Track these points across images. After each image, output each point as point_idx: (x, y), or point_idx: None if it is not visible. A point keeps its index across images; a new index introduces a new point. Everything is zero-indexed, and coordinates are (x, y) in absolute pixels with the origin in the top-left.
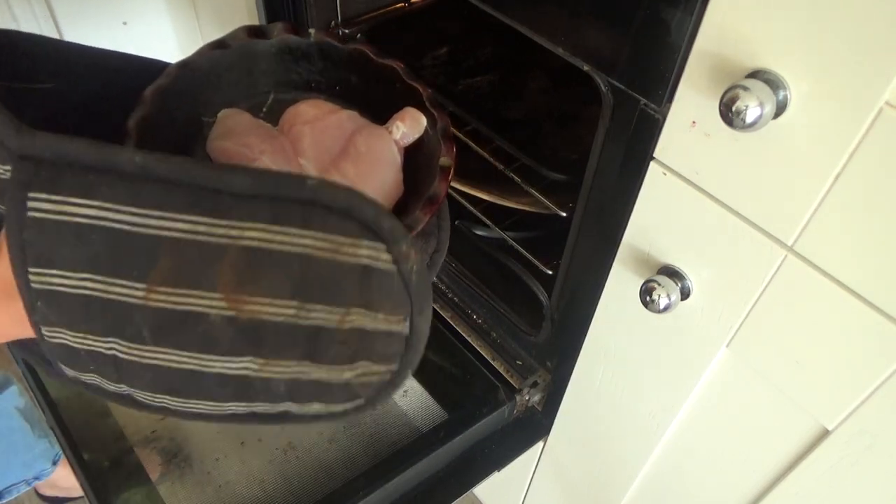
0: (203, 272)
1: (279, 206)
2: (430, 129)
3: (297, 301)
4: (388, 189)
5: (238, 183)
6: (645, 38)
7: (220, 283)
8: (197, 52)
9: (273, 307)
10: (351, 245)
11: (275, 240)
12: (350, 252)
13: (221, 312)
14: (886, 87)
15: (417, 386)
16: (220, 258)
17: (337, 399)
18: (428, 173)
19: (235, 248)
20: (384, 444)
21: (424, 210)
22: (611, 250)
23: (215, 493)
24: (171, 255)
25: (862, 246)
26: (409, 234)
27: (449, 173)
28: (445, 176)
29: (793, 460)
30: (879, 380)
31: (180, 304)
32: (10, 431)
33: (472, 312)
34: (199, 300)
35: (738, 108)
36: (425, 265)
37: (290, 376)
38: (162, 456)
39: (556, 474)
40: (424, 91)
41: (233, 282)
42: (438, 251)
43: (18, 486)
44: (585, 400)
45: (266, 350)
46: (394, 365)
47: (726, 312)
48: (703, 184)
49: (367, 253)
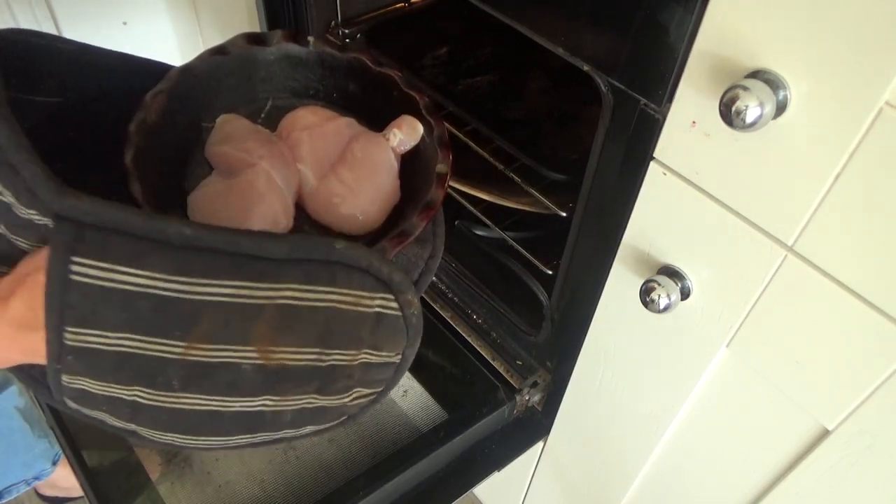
0: (242, 329)
1: (310, 267)
2: (426, 137)
3: (320, 348)
4: (384, 195)
5: (277, 249)
6: (645, 39)
7: (254, 338)
8: (197, 58)
9: (298, 355)
10: (369, 298)
11: (307, 297)
12: (367, 304)
13: (252, 362)
14: (886, 87)
15: (417, 386)
16: (259, 316)
17: (328, 420)
18: (425, 180)
19: (272, 306)
20: (384, 444)
21: (421, 216)
22: (611, 250)
23: (215, 493)
24: (214, 317)
25: (862, 246)
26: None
27: (445, 180)
28: (442, 183)
29: (793, 460)
30: (879, 380)
31: (216, 357)
32: (10, 431)
33: (472, 312)
34: (234, 353)
35: (738, 108)
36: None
37: (298, 407)
38: (162, 456)
39: (556, 474)
40: (422, 99)
41: (267, 336)
42: (433, 257)
43: (18, 486)
44: (585, 400)
45: (285, 389)
46: (380, 387)
47: (726, 312)
48: (703, 184)
49: (380, 303)
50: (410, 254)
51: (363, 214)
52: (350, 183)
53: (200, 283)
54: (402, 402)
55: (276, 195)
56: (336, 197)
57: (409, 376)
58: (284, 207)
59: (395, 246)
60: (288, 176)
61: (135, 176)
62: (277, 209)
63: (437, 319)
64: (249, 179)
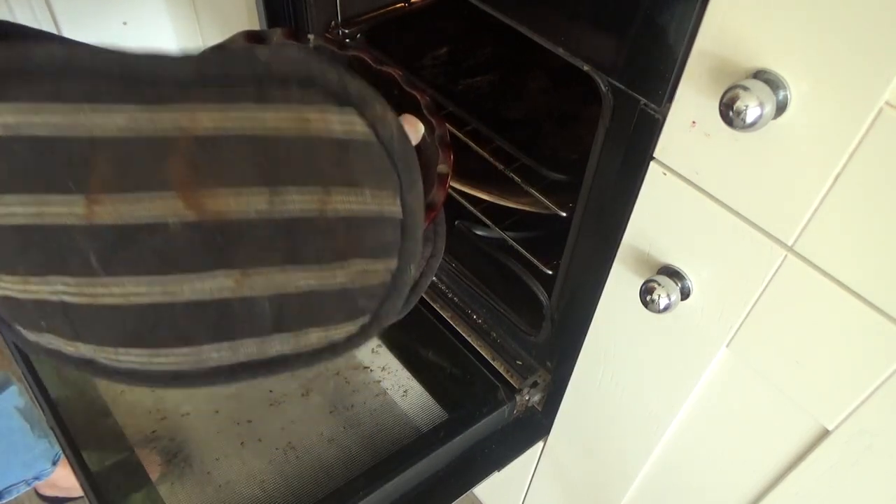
0: (152, 171)
1: (230, 87)
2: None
3: (268, 188)
4: None
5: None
6: (645, 39)
7: (173, 182)
8: None
9: (241, 199)
10: (318, 113)
11: (230, 120)
12: (319, 123)
13: (181, 217)
14: (886, 87)
15: (417, 386)
16: (171, 152)
17: (335, 318)
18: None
19: (186, 138)
20: (384, 444)
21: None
22: (611, 250)
23: (215, 493)
24: (113, 156)
25: (862, 246)
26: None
27: (447, 180)
28: (443, 183)
29: (793, 460)
30: (879, 380)
31: (130, 215)
32: (10, 431)
33: (472, 312)
34: (152, 205)
35: (739, 108)
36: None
37: (273, 290)
38: (162, 456)
39: (556, 474)
40: (422, 98)
41: (189, 177)
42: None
43: (18, 486)
44: (585, 400)
45: (240, 258)
46: (392, 260)
47: (726, 312)
48: (703, 184)
49: (339, 120)
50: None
51: None
52: None
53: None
54: (402, 402)
55: None
56: None
57: (409, 376)
58: None
59: None
60: None
61: None
62: None
63: (437, 319)
64: None
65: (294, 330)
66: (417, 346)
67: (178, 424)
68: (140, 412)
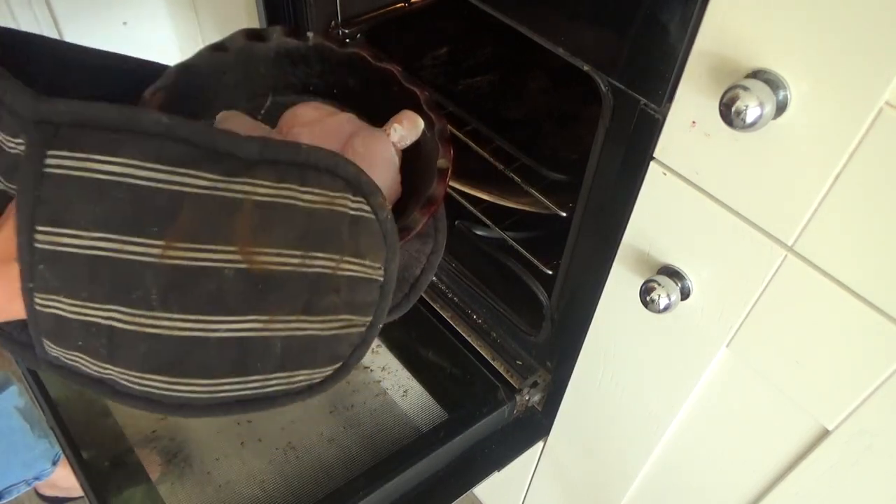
0: (221, 226)
1: (281, 168)
2: (427, 132)
3: (302, 250)
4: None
5: (248, 148)
6: (645, 38)
7: (235, 237)
8: (196, 55)
9: (282, 257)
10: (341, 198)
11: (281, 195)
12: (341, 204)
13: (235, 266)
14: (886, 87)
15: (417, 386)
16: (237, 211)
17: (320, 362)
18: (426, 175)
19: (250, 202)
20: (384, 444)
21: (423, 211)
22: (611, 250)
23: (215, 493)
24: (192, 210)
25: (862, 246)
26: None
27: (447, 175)
28: (443, 178)
29: (793, 460)
30: (879, 380)
31: (197, 260)
32: (10, 431)
33: (472, 312)
34: (216, 254)
35: (738, 108)
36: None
37: (287, 333)
38: (162, 456)
39: (556, 474)
40: (422, 94)
41: (248, 235)
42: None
43: (18, 486)
44: (585, 400)
45: (271, 305)
46: (369, 316)
47: (726, 312)
48: (703, 184)
49: (353, 204)
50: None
51: None
52: None
53: (177, 171)
54: (402, 402)
55: None
56: None
57: (409, 376)
58: None
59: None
60: None
61: None
62: None
63: (437, 319)
64: None
65: (290, 370)
66: (417, 346)
67: (178, 424)
68: (140, 412)
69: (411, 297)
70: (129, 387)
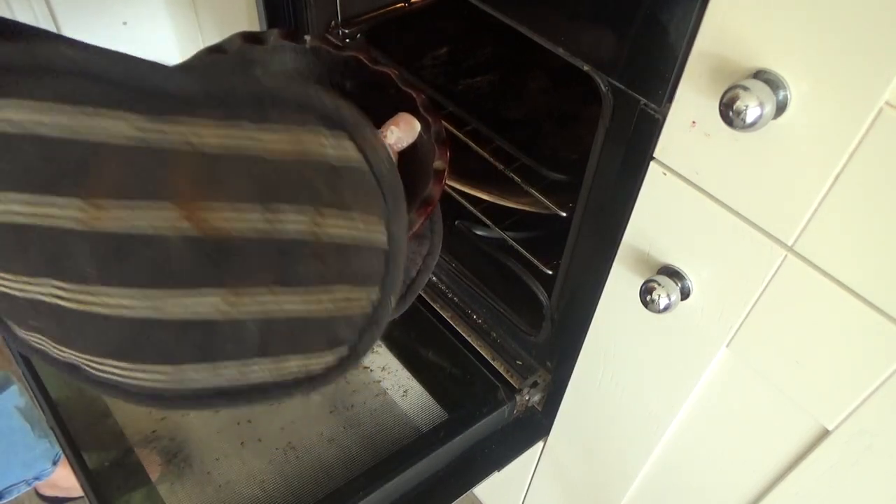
0: (155, 181)
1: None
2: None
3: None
4: None
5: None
6: (645, 38)
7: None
8: (194, 57)
9: (239, 214)
10: (312, 135)
11: (232, 138)
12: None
13: (181, 230)
14: (886, 87)
15: (417, 386)
16: (175, 164)
17: (316, 345)
18: (422, 177)
19: (189, 151)
20: (384, 444)
21: (419, 212)
22: (611, 250)
23: (215, 493)
24: (116, 161)
25: (862, 246)
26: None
27: (443, 177)
28: (439, 179)
29: (793, 460)
30: (879, 380)
31: (130, 223)
32: (10, 431)
33: (472, 312)
34: (153, 215)
35: (739, 108)
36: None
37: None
38: (162, 456)
39: (556, 474)
40: (418, 97)
41: (191, 190)
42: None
43: (18, 486)
44: (585, 400)
45: (234, 276)
46: (375, 290)
47: (726, 312)
48: (703, 184)
49: (332, 144)
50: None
51: None
52: None
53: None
54: (402, 402)
55: None
56: None
57: (409, 376)
58: None
59: None
60: None
61: None
62: None
63: (437, 319)
64: None
65: (275, 355)
66: (417, 346)
67: (178, 424)
68: (140, 412)
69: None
70: (92, 374)
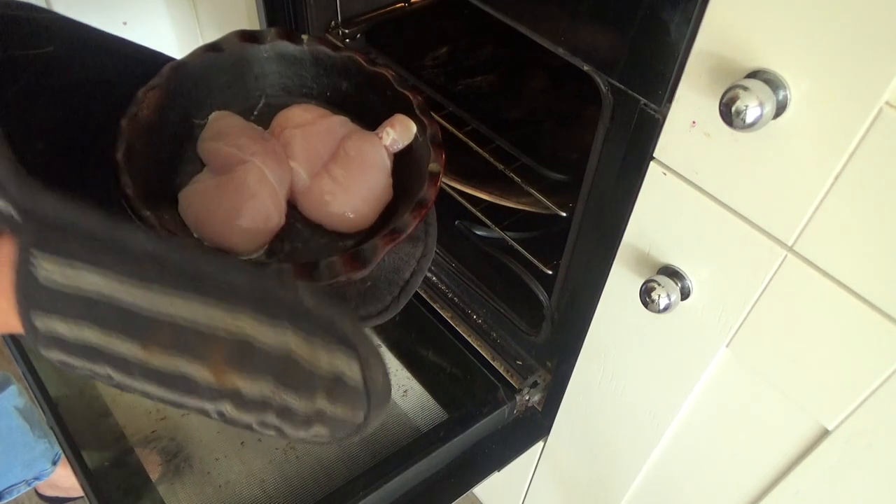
0: (196, 349)
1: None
2: (419, 136)
3: (273, 387)
4: (377, 193)
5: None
6: (645, 38)
7: (208, 360)
8: (191, 55)
9: (252, 386)
10: (331, 353)
11: (264, 335)
12: (326, 357)
13: (206, 379)
14: (886, 87)
15: (417, 386)
16: (213, 341)
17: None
18: (417, 179)
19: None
20: (384, 443)
21: (413, 214)
22: (611, 250)
23: (215, 493)
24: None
25: (862, 246)
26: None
27: (437, 179)
28: (434, 182)
29: (793, 460)
30: (879, 380)
31: (172, 367)
32: (9, 431)
33: (472, 312)
34: (189, 368)
35: (738, 108)
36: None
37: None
38: (162, 456)
39: (556, 474)
40: (415, 99)
41: (220, 361)
42: (425, 256)
43: (18, 486)
44: (585, 400)
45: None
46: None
47: (726, 312)
48: (703, 184)
49: (344, 364)
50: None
51: (355, 212)
52: (342, 181)
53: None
54: (402, 402)
55: (268, 192)
56: (328, 195)
57: (408, 376)
58: (276, 204)
59: (387, 244)
60: (280, 173)
61: (125, 171)
62: (269, 206)
63: (437, 319)
64: (241, 176)
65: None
66: (417, 346)
67: (178, 424)
68: (140, 412)
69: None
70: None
